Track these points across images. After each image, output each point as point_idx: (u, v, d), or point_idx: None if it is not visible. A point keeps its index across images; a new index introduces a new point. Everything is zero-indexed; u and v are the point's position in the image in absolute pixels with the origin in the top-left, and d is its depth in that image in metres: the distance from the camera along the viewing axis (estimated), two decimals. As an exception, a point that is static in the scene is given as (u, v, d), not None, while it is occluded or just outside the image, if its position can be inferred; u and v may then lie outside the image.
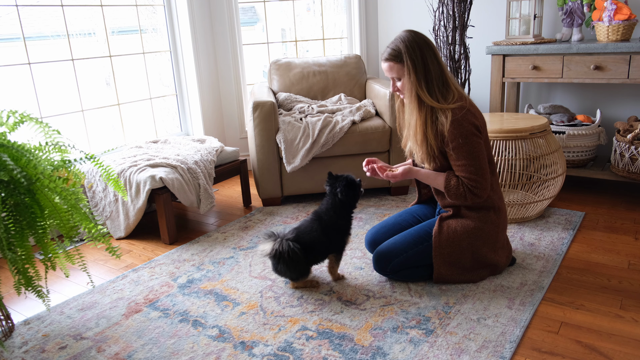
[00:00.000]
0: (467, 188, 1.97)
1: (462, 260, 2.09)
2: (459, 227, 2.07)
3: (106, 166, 1.96)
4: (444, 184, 2.01)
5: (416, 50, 1.94)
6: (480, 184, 1.96)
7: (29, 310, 2.15)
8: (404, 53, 1.95)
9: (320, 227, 2.13)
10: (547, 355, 1.68)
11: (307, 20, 4.33)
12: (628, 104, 3.25)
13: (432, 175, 2.07)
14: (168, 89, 3.80)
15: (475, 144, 1.95)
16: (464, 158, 1.95)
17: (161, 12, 3.62)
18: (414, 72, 1.94)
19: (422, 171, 2.09)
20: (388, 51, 2.00)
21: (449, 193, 2.01)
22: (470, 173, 1.96)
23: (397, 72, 1.99)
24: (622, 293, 2.03)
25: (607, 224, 2.68)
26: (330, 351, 1.75)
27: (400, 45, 1.96)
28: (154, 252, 2.66)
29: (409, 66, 1.94)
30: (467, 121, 1.94)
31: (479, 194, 1.98)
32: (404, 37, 1.97)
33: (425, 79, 1.95)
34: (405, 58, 1.95)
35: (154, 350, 1.81)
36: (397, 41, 1.98)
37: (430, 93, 1.96)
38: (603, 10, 2.85)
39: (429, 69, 1.95)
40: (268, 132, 3.02)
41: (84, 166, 2.83)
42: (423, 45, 1.96)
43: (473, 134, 1.95)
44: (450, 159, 2.00)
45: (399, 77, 2.01)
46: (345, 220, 2.17)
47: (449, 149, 1.97)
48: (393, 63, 1.98)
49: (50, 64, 2.99)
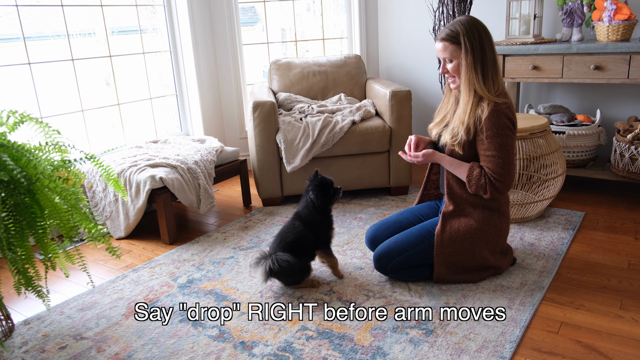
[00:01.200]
0: (489, 180, 1.97)
1: (463, 261, 2.09)
2: (462, 227, 2.07)
3: (106, 166, 1.96)
4: (466, 172, 2.01)
5: (475, 34, 1.94)
6: (505, 178, 1.97)
7: (29, 310, 2.15)
8: (462, 34, 1.94)
9: (301, 223, 2.16)
10: (547, 355, 1.68)
11: (307, 20, 4.33)
12: (628, 104, 3.25)
13: (456, 163, 2.05)
14: (168, 89, 3.80)
15: (508, 137, 1.96)
16: (495, 149, 1.95)
17: (161, 12, 3.62)
18: (471, 55, 1.93)
19: (447, 157, 2.07)
20: (445, 31, 1.98)
21: (470, 183, 2.00)
22: (496, 165, 1.96)
23: (451, 53, 1.97)
24: (622, 293, 2.03)
25: (607, 224, 2.68)
26: (330, 351, 1.75)
27: (459, 28, 1.95)
28: (154, 252, 2.66)
29: (467, 48, 1.93)
30: (505, 115, 1.95)
31: (500, 188, 1.98)
32: (463, 20, 1.96)
33: (481, 64, 1.95)
34: (464, 40, 1.93)
35: (154, 350, 1.81)
36: (456, 23, 1.97)
37: (484, 79, 1.95)
38: (603, 10, 2.85)
39: (485, 54, 1.95)
40: (268, 132, 3.02)
41: (84, 166, 2.83)
42: (482, 31, 1.96)
43: (508, 127, 1.96)
44: (480, 147, 1.99)
45: (451, 59, 1.99)
46: (323, 217, 2.20)
47: (482, 137, 1.96)
48: (448, 43, 1.97)
49: (50, 64, 2.99)
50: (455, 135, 2.01)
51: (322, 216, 2.19)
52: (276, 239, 2.17)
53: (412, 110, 3.28)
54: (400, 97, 3.07)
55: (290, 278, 2.13)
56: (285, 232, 2.16)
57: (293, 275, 2.11)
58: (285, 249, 2.10)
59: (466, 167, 2.02)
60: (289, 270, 2.05)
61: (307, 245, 2.15)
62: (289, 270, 2.05)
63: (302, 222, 2.16)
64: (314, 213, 2.17)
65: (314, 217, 2.17)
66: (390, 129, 3.10)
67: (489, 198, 2.03)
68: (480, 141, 1.98)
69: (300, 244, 2.12)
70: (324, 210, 2.19)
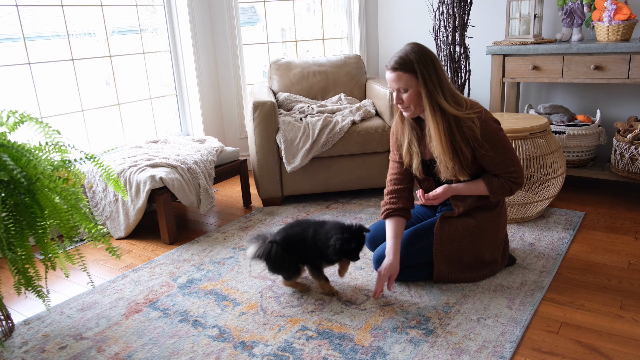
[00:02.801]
0: (510, 182, 2.01)
1: (463, 259, 2.10)
2: (461, 225, 2.07)
3: (106, 166, 1.96)
4: (487, 188, 2.02)
5: (427, 60, 1.91)
6: (520, 171, 2.02)
7: (29, 310, 2.15)
8: (415, 62, 1.89)
9: (313, 233, 2.05)
10: (547, 355, 1.68)
11: (307, 20, 4.33)
12: (628, 104, 3.25)
13: (472, 186, 2.04)
14: (168, 89, 3.80)
15: (504, 137, 2.00)
16: (502, 154, 1.98)
17: (161, 12, 3.62)
18: (430, 81, 1.89)
19: (460, 186, 2.05)
20: (396, 60, 1.92)
21: (495, 194, 2.02)
22: (510, 166, 2.00)
23: (406, 82, 1.92)
24: (622, 293, 2.03)
25: (607, 224, 2.68)
26: (330, 351, 1.75)
27: (411, 55, 1.90)
28: (154, 252, 2.66)
29: (424, 75, 1.89)
30: (490, 119, 1.98)
31: (521, 182, 2.04)
32: (412, 48, 1.93)
33: (441, 88, 1.91)
34: (419, 67, 1.89)
35: (154, 350, 1.81)
36: (406, 52, 1.92)
37: (452, 99, 1.94)
38: (603, 10, 2.85)
39: (441, 79, 1.93)
40: (268, 132, 3.02)
41: (84, 166, 2.83)
42: (432, 56, 1.93)
43: (499, 129, 2.00)
44: (485, 160, 1.99)
45: (406, 88, 1.93)
46: (333, 255, 2.01)
47: (484, 151, 1.96)
48: (402, 72, 1.91)
49: (50, 64, 2.99)
50: (447, 167, 1.97)
51: (331, 254, 2.01)
52: (281, 232, 2.12)
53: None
54: (400, 97, 3.07)
55: (276, 269, 2.12)
56: (295, 226, 2.13)
57: (280, 267, 2.10)
58: (285, 241, 2.07)
59: (483, 184, 2.03)
60: (277, 263, 2.07)
61: (300, 249, 2.08)
62: (277, 263, 2.07)
63: (314, 234, 2.05)
64: (330, 250, 2.00)
65: (325, 248, 2.01)
66: (390, 129, 3.10)
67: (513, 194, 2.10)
68: (482, 156, 1.98)
69: (296, 245, 2.08)
70: (335, 257, 2.03)
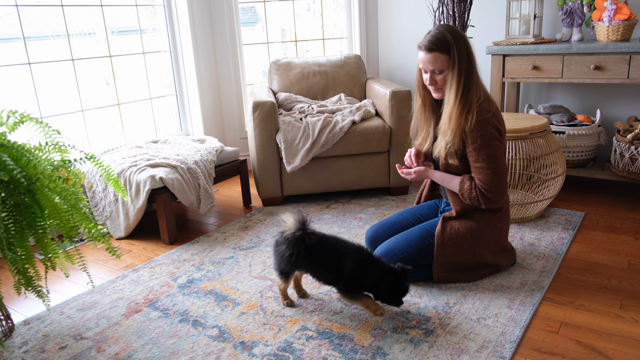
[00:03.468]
0: (479, 192, 1.96)
1: (464, 261, 2.10)
2: (462, 228, 2.07)
3: (106, 166, 1.96)
4: (458, 187, 2.01)
5: (462, 41, 1.89)
6: (495, 188, 1.94)
7: (29, 310, 2.15)
8: (452, 44, 1.86)
9: (343, 259, 1.89)
10: (547, 355, 1.68)
11: (307, 20, 4.33)
12: (628, 104, 3.25)
13: (447, 178, 2.05)
14: (168, 89, 3.80)
15: (496, 147, 1.93)
16: (483, 161, 1.93)
17: (161, 12, 3.61)
18: (459, 65, 1.87)
19: (438, 173, 2.08)
20: (432, 40, 1.88)
21: (463, 197, 2.01)
22: (486, 176, 1.94)
23: (442, 63, 1.89)
24: (622, 293, 2.03)
25: (607, 224, 2.68)
26: (330, 351, 1.75)
27: (447, 37, 1.87)
28: (154, 252, 2.66)
29: (460, 57, 1.87)
30: (491, 124, 1.92)
31: (493, 198, 1.95)
32: (447, 29, 1.89)
33: (467, 73, 1.89)
34: (454, 50, 1.87)
35: (154, 350, 1.81)
36: (442, 32, 1.88)
37: (471, 87, 1.90)
38: (603, 10, 2.85)
39: (473, 62, 1.91)
40: (268, 132, 3.02)
41: (84, 166, 2.83)
42: (466, 38, 1.91)
43: (495, 137, 1.93)
44: (470, 159, 1.98)
45: (442, 70, 1.91)
46: (355, 284, 1.90)
47: (469, 149, 1.95)
48: (439, 53, 1.88)
49: (50, 64, 2.99)
50: (448, 145, 1.96)
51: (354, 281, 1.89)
52: (319, 234, 1.93)
53: (412, 110, 3.29)
54: (400, 97, 3.07)
55: (279, 256, 1.92)
56: (329, 239, 1.95)
57: (281, 257, 1.90)
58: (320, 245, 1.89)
59: (457, 181, 2.02)
60: (289, 250, 1.85)
61: (315, 262, 1.91)
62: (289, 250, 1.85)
63: (343, 260, 1.89)
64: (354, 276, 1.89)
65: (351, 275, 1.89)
66: (390, 129, 3.10)
67: (485, 208, 2.02)
68: (469, 153, 1.97)
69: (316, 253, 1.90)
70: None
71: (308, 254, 1.88)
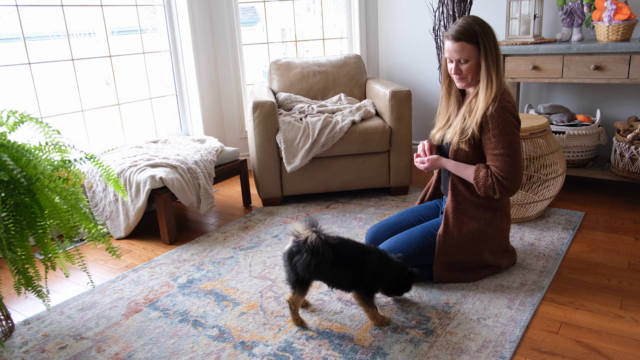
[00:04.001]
0: (496, 179, 1.95)
1: (464, 261, 2.10)
2: (464, 229, 2.06)
3: (106, 166, 1.96)
4: (473, 175, 2.00)
5: (489, 32, 1.94)
6: (513, 176, 1.94)
7: (29, 310, 2.15)
8: (479, 34, 1.91)
9: (369, 257, 1.86)
10: (547, 355, 1.68)
11: (307, 20, 4.33)
12: (628, 104, 3.25)
13: (461, 166, 2.04)
14: (168, 89, 3.80)
15: (514, 135, 1.95)
16: (502, 147, 1.94)
17: (161, 12, 3.61)
18: (490, 55, 1.93)
19: (451, 162, 2.07)
20: (459, 30, 1.93)
21: (478, 185, 1.99)
22: (504, 164, 1.94)
23: (469, 53, 1.94)
24: (622, 293, 2.03)
25: (607, 224, 2.68)
26: (330, 351, 1.75)
27: (475, 27, 1.92)
28: (154, 252, 2.66)
29: (486, 47, 1.92)
30: (511, 113, 1.95)
31: (510, 187, 1.95)
32: (474, 19, 1.94)
33: (497, 62, 1.94)
34: (482, 39, 1.91)
35: (154, 350, 1.81)
36: (469, 22, 1.94)
37: (499, 78, 1.95)
38: (603, 10, 2.85)
39: (499, 53, 1.95)
40: (268, 132, 3.02)
41: (84, 166, 2.83)
42: (491, 29, 1.95)
43: (515, 125, 1.96)
44: (487, 147, 1.98)
45: (468, 59, 1.95)
46: (372, 281, 1.87)
47: (488, 135, 1.95)
48: (466, 43, 1.93)
49: (50, 64, 2.99)
50: (465, 131, 1.99)
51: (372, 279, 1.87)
52: (336, 238, 1.85)
53: (412, 110, 3.29)
54: (400, 97, 3.07)
55: (296, 268, 1.81)
56: (345, 242, 1.90)
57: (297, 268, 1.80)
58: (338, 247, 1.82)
59: (472, 170, 2.01)
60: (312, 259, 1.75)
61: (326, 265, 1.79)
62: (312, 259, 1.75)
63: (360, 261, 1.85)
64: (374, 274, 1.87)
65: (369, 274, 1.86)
66: (390, 129, 3.10)
67: (499, 198, 2.02)
68: (488, 139, 1.96)
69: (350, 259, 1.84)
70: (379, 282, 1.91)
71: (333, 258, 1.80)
